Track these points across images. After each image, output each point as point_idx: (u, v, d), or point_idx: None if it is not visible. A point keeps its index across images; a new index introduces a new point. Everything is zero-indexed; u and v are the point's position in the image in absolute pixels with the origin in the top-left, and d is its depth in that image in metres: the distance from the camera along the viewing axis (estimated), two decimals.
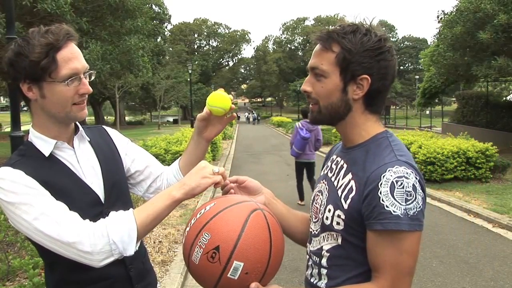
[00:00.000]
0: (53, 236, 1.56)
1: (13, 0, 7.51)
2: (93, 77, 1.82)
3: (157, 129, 45.57)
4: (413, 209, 1.42)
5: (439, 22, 19.87)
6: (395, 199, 1.41)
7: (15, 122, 7.77)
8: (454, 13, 18.34)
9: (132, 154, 2.10)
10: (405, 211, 1.41)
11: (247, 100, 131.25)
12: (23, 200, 1.59)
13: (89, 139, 1.92)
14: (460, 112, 29.66)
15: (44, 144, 1.76)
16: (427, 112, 53.95)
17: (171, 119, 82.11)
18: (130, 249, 1.62)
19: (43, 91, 1.69)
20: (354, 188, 1.54)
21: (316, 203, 1.76)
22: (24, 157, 1.74)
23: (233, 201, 1.59)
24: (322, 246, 1.67)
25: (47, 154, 1.75)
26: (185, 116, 79.00)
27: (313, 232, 1.75)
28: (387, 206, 1.41)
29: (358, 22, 1.60)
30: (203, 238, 1.46)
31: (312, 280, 1.72)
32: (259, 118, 75.59)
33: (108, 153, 1.98)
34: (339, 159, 1.72)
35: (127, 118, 69.54)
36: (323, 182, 1.75)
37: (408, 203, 1.41)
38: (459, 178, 12.27)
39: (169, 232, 7.63)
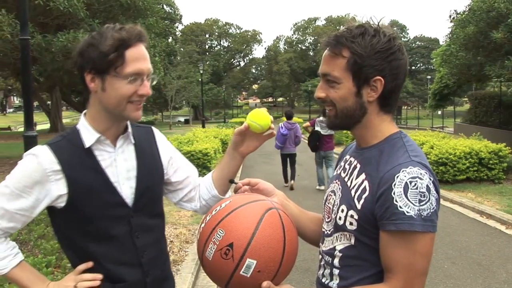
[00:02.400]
0: None
1: (27, 1, 7.53)
2: (155, 82, 1.86)
3: (169, 129, 45.73)
4: (427, 210, 1.41)
5: (451, 21, 19.76)
6: (408, 199, 1.41)
7: (28, 122, 7.82)
8: (466, 12, 18.24)
9: (176, 163, 2.11)
10: (418, 212, 1.40)
11: (258, 100, 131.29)
12: (4, 190, 1.74)
13: (134, 142, 1.93)
14: (472, 113, 29.46)
15: (88, 135, 1.81)
16: (439, 112, 53.64)
17: (182, 119, 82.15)
18: None
19: (104, 84, 1.73)
20: (367, 188, 1.54)
21: (328, 203, 1.75)
22: (65, 139, 1.83)
23: (248, 199, 1.61)
24: (335, 246, 1.66)
25: (87, 145, 1.80)
26: (196, 116, 79.06)
27: (325, 232, 1.74)
28: (400, 207, 1.41)
29: (365, 23, 1.59)
30: (217, 235, 1.49)
31: (323, 280, 1.72)
32: None
33: (149, 157, 1.99)
34: (352, 159, 1.71)
35: None
36: (336, 182, 1.75)
37: (421, 204, 1.41)
38: (471, 179, 12.17)
39: (180, 232, 7.65)
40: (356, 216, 1.56)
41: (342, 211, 1.62)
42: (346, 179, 1.68)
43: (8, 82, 43.68)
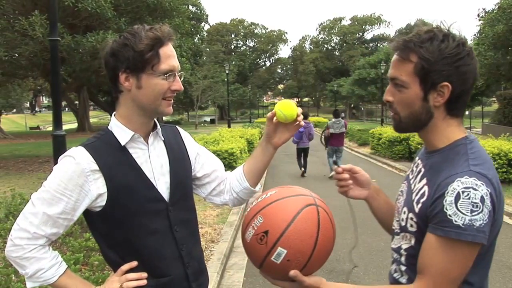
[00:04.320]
0: (14, 228, 1.78)
1: (56, 2, 7.65)
2: (182, 78, 1.93)
3: (195, 129, 45.95)
4: (480, 220, 1.41)
5: (479, 20, 19.49)
6: (458, 209, 1.41)
7: (57, 121, 7.93)
8: (496, 11, 17.97)
9: (202, 158, 2.17)
10: (470, 222, 1.40)
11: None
12: (49, 192, 1.76)
13: (163, 139, 2.01)
14: (501, 113, 28.92)
15: (122, 133, 1.87)
16: (466, 112, 52.81)
17: (208, 119, 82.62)
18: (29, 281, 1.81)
19: (140, 82, 1.80)
20: (426, 193, 1.56)
21: (398, 202, 1.80)
22: (99, 140, 1.87)
23: (292, 192, 1.72)
24: (401, 245, 1.71)
25: (123, 143, 1.86)
26: (222, 116, 79.44)
27: (394, 230, 1.79)
28: (449, 215, 1.42)
29: (435, 27, 1.58)
30: (257, 221, 1.63)
31: (395, 275, 1.76)
32: None
33: (179, 153, 2.06)
34: (420, 162, 1.74)
35: (164, 118, 70.21)
36: (405, 183, 1.80)
37: (474, 214, 1.40)
38: (500, 180, 11.83)
39: (206, 231, 7.69)
40: (415, 219, 1.59)
41: (404, 212, 1.66)
42: (411, 181, 1.73)
43: (37, 83, 44.41)
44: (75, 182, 1.75)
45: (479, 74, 1.62)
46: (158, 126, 1.99)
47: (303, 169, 15.24)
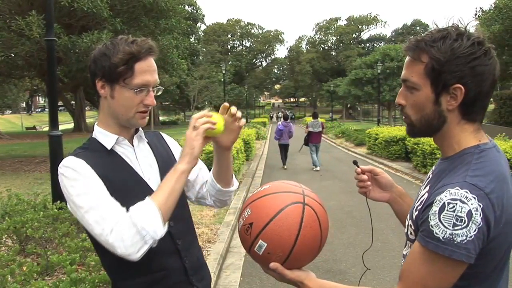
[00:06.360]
0: (96, 232, 1.69)
1: (52, 2, 7.64)
2: (159, 92, 1.95)
3: None
4: (462, 236, 1.30)
5: (476, 20, 19.53)
6: (440, 221, 1.33)
7: (53, 122, 7.90)
8: (492, 10, 18.01)
9: None
10: (450, 236, 1.31)
11: (280, 101, 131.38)
12: (81, 191, 1.73)
13: (147, 140, 2.06)
14: (497, 113, 29.00)
15: (106, 138, 1.92)
16: None
17: None
18: (159, 230, 1.70)
19: (113, 92, 1.85)
20: (423, 200, 1.48)
21: None
22: (87, 150, 1.90)
23: (284, 188, 1.76)
24: (406, 253, 1.62)
25: (109, 147, 1.90)
26: None
27: (406, 237, 1.71)
28: (431, 226, 1.34)
29: (449, 27, 1.49)
30: (246, 213, 1.71)
31: None
32: (293, 116, 74.11)
33: (164, 154, 2.11)
34: (433, 168, 1.68)
35: (161, 118, 70.17)
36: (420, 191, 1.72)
37: (456, 228, 1.30)
38: None
39: (202, 231, 7.68)
40: (413, 226, 1.52)
41: (407, 220, 1.60)
42: (421, 188, 1.65)
43: (33, 83, 44.35)
44: (84, 175, 1.75)
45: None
46: (140, 129, 2.03)
47: (285, 166, 17.64)
